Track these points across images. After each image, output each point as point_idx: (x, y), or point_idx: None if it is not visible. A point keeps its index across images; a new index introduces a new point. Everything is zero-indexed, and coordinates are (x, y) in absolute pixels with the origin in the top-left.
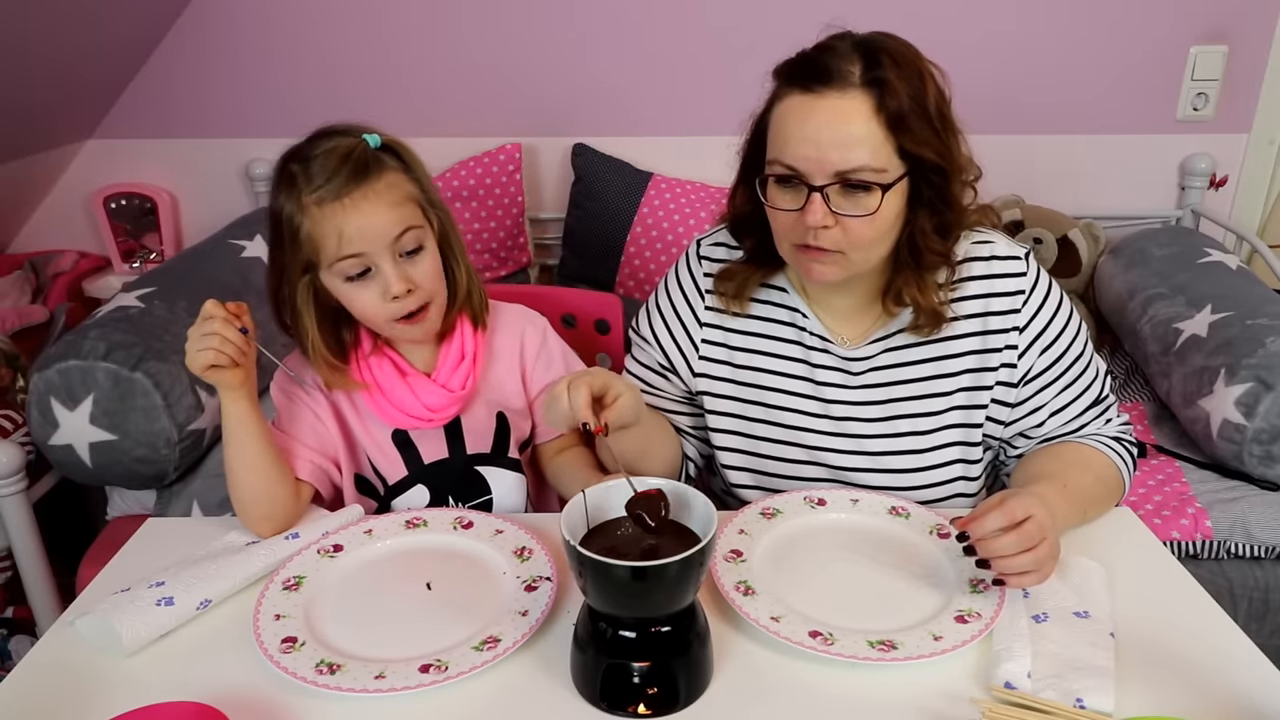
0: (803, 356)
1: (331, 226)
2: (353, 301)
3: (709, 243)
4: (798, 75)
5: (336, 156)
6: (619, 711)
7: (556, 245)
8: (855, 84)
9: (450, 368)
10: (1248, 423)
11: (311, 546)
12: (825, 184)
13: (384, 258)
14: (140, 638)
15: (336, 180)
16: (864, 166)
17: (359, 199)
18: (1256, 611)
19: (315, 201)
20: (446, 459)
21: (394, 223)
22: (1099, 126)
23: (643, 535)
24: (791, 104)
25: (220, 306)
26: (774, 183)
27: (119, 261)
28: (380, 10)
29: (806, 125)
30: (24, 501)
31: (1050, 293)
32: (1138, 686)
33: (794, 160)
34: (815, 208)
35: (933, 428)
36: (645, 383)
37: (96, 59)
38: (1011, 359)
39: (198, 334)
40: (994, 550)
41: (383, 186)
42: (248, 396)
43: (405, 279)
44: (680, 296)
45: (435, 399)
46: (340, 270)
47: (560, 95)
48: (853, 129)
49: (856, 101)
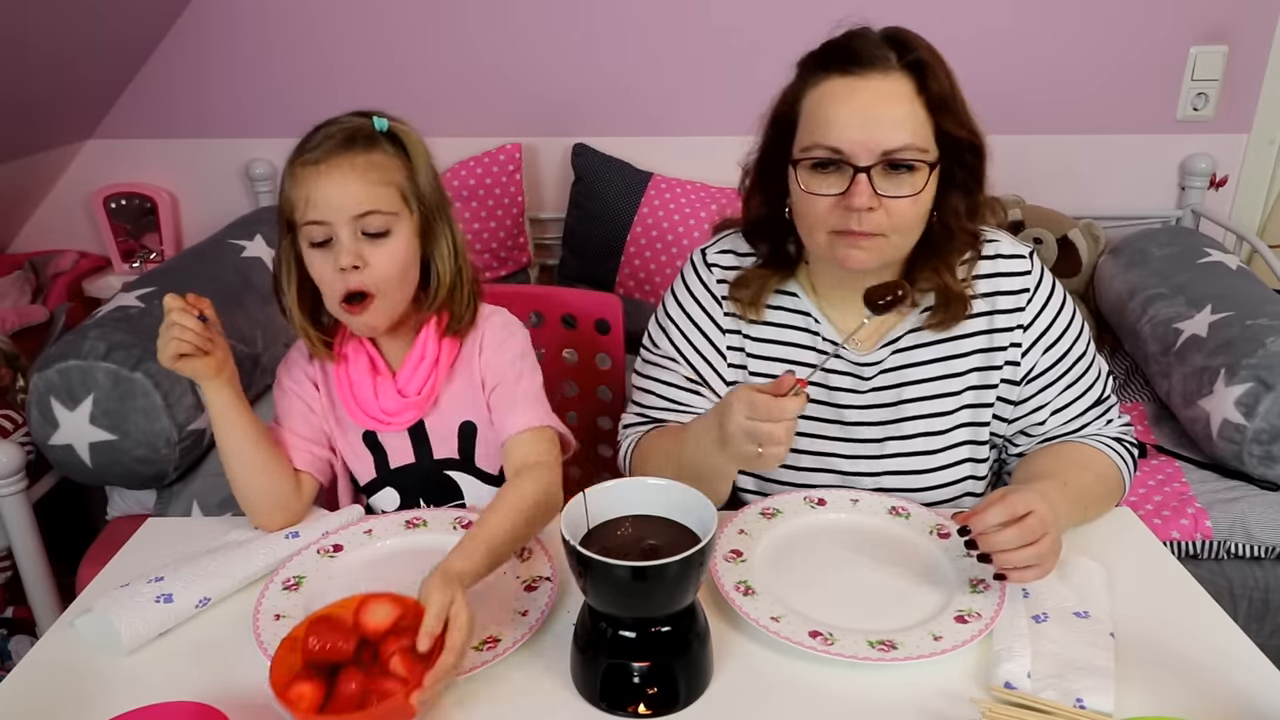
0: (816, 362)
1: (303, 189)
2: (311, 268)
3: (714, 251)
4: (834, 60)
5: (338, 128)
6: (619, 711)
7: (556, 245)
8: (895, 67)
9: (410, 369)
10: (1248, 423)
11: (311, 546)
12: (871, 164)
13: (344, 230)
14: (139, 636)
15: (323, 148)
16: (909, 145)
17: (333, 168)
18: (1256, 611)
19: (300, 164)
20: (414, 463)
21: (362, 200)
22: (1099, 126)
23: (643, 535)
24: (831, 88)
25: (178, 298)
26: (810, 168)
27: (119, 261)
28: (381, 10)
29: (851, 106)
30: (24, 501)
31: (1054, 292)
32: (1138, 686)
33: (838, 142)
34: (861, 189)
35: (944, 428)
36: (675, 402)
37: (97, 58)
38: (1015, 357)
39: (162, 328)
40: (995, 544)
41: (364, 163)
42: (228, 385)
43: (356, 255)
44: (696, 307)
45: (391, 403)
46: (306, 234)
47: (560, 95)
48: (898, 109)
49: (900, 83)
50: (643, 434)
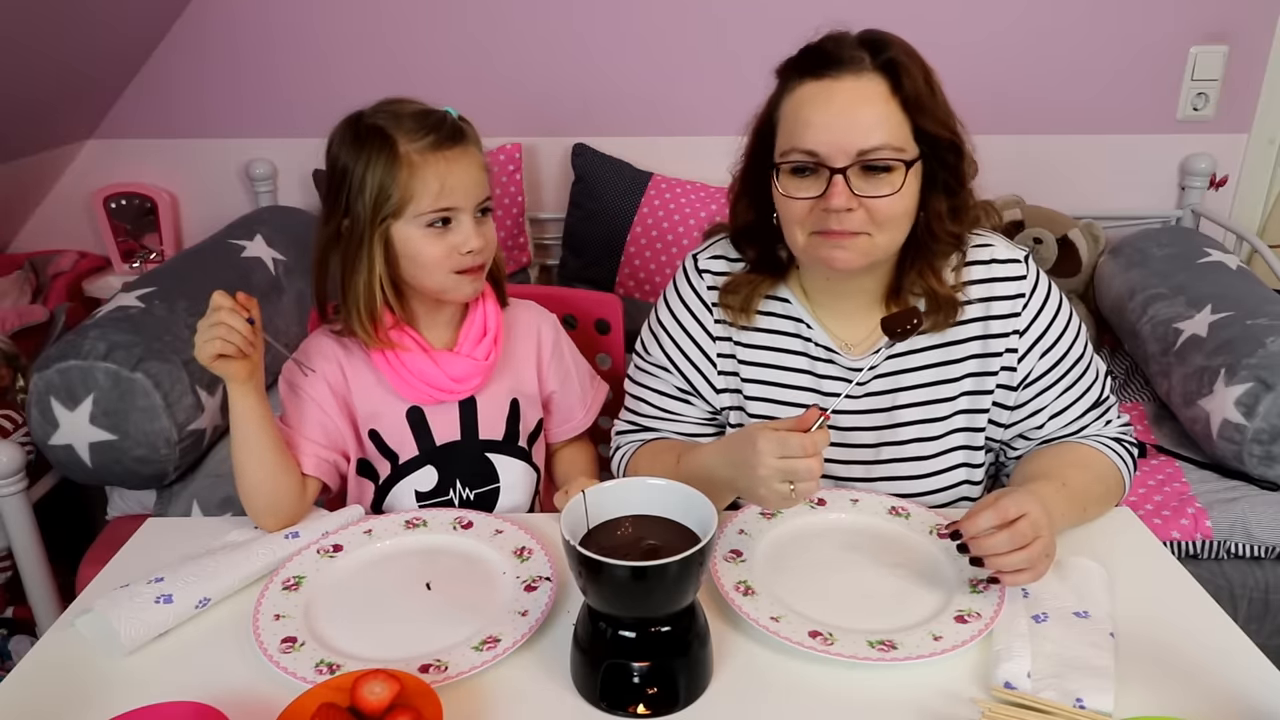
0: (808, 368)
1: (434, 175)
2: (421, 249)
3: (706, 256)
4: (808, 65)
5: (434, 117)
6: (619, 711)
7: (556, 245)
8: (869, 68)
9: (474, 341)
10: (1248, 423)
11: (311, 546)
12: (847, 165)
13: (468, 213)
14: (138, 637)
15: (436, 135)
16: (885, 145)
17: (459, 154)
18: (1256, 611)
19: (417, 151)
20: (459, 441)
21: (482, 184)
22: (1099, 126)
23: (643, 535)
24: (806, 92)
25: (228, 297)
26: (789, 172)
27: (119, 261)
28: (380, 10)
29: (826, 109)
30: (24, 501)
31: (1050, 295)
32: (1138, 686)
33: (814, 145)
34: (838, 190)
35: (939, 433)
36: (665, 410)
37: (97, 59)
38: (1011, 362)
39: (206, 324)
40: (986, 549)
41: (473, 150)
42: (255, 390)
43: (482, 235)
44: (688, 314)
45: (459, 368)
46: (425, 219)
47: (560, 95)
48: (872, 109)
49: (874, 84)
50: (637, 447)
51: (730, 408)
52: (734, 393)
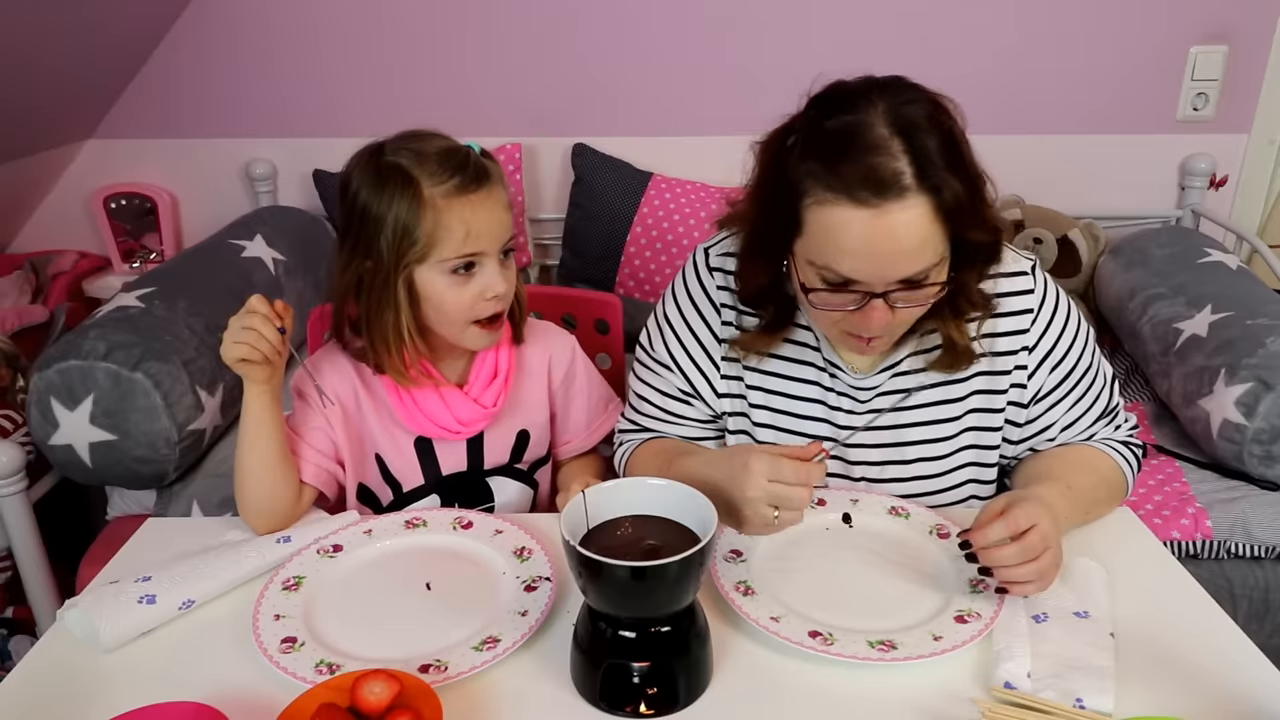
0: (815, 379)
1: (459, 220)
2: (445, 297)
3: (718, 252)
4: (846, 184)
5: (458, 157)
6: (619, 711)
7: (556, 245)
8: (912, 189)
9: (483, 383)
10: (1248, 423)
11: (311, 547)
12: (887, 291)
13: (493, 257)
14: (119, 636)
15: (460, 177)
16: (929, 267)
17: (484, 197)
18: (1256, 611)
19: (442, 195)
20: (464, 471)
21: (506, 225)
22: (1099, 126)
23: (643, 535)
24: (844, 218)
25: (265, 303)
26: (821, 282)
27: (119, 261)
28: (380, 10)
29: (869, 242)
30: (24, 501)
31: (1058, 308)
32: (1138, 686)
33: (853, 273)
34: (878, 313)
35: (945, 452)
36: (666, 411)
37: (97, 59)
38: (1021, 379)
39: (237, 325)
40: (996, 561)
41: (498, 190)
42: (271, 393)
43: (506, 279)
44: (695, 314)
45: (466, 412)
46: (449, 265)
47: (560, 95)
48: (915, 237)
49: (918, 210)
50: (636, 445)
51: (731, 413)
52: (736, 398)
